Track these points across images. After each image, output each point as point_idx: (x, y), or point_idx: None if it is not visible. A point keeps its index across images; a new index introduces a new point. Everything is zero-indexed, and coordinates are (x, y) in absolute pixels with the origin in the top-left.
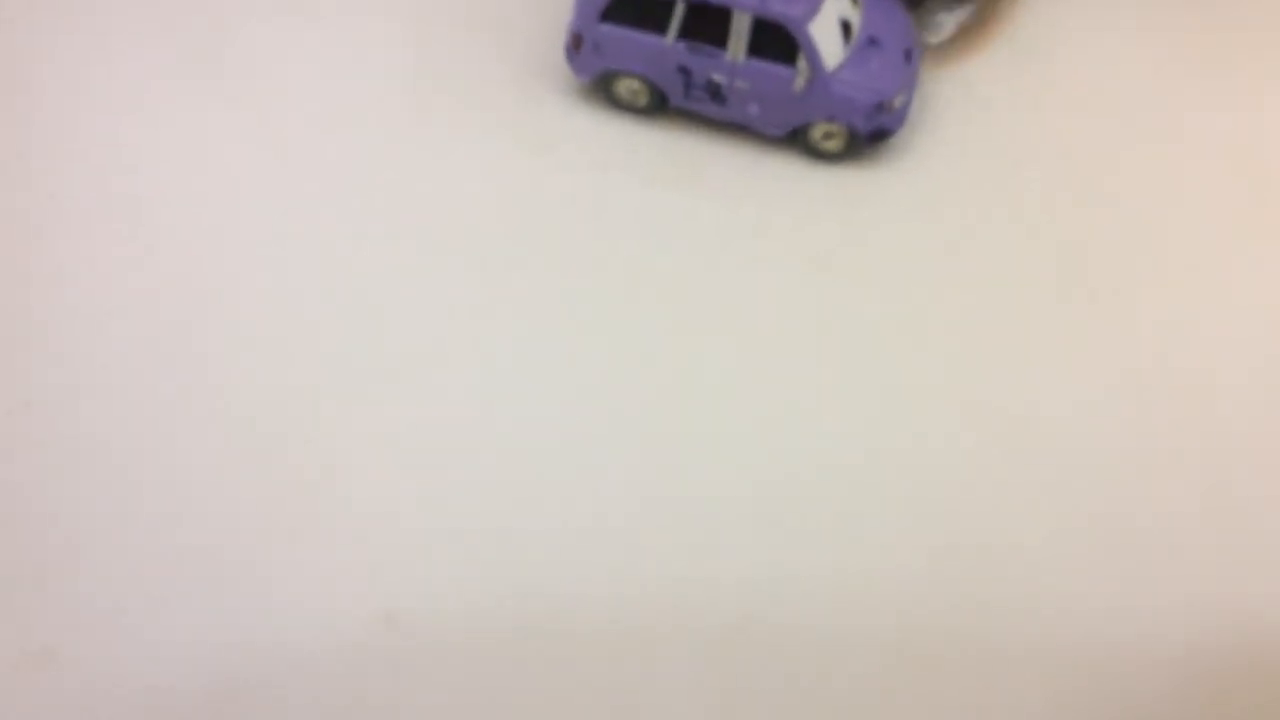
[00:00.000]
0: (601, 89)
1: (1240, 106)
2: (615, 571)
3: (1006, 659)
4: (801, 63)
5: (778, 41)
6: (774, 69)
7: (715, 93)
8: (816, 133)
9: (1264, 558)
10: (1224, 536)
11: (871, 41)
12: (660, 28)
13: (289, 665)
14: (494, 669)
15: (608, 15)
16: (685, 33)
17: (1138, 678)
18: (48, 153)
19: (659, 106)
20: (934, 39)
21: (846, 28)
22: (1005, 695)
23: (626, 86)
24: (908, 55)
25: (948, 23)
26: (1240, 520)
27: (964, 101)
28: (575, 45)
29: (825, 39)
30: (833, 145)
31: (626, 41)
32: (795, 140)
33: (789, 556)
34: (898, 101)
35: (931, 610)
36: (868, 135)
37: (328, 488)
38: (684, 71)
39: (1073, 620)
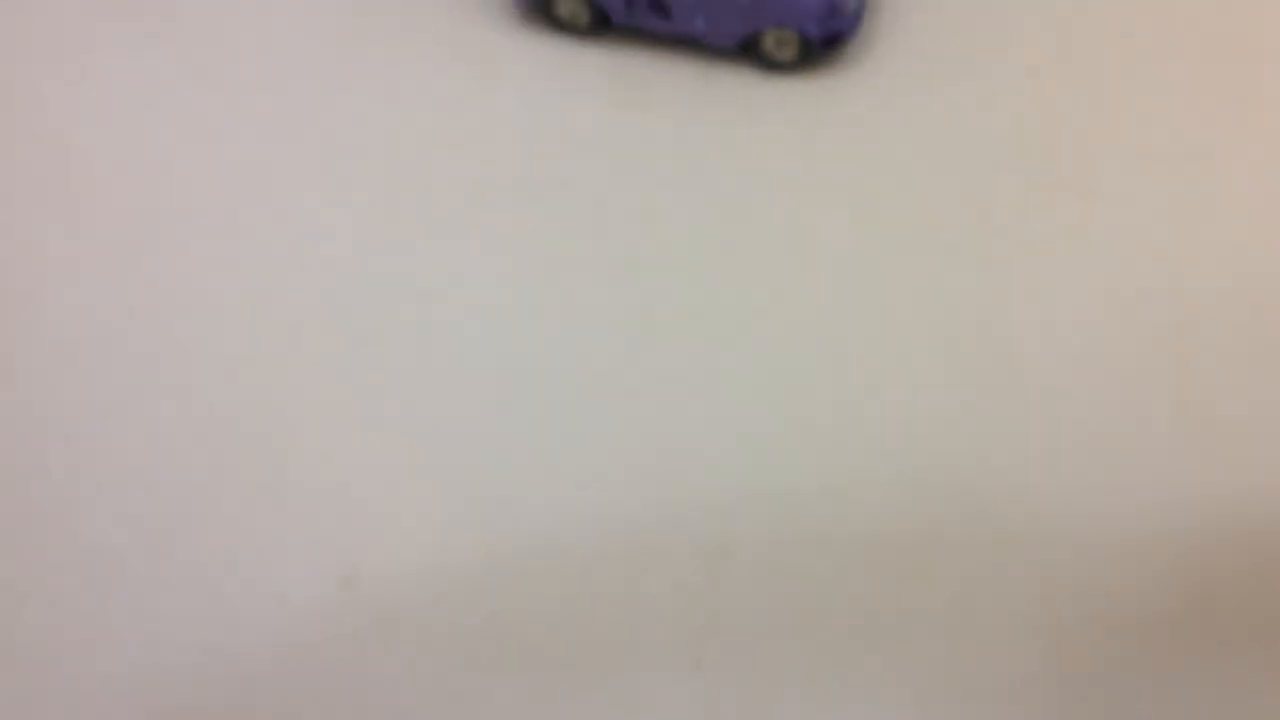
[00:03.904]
0: (541, 10)
1: None
2: (585, 509)
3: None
4: None
5: None
6: None
7: (658, 6)
8: (768, 42)
9: (1234, 453)
10: (1198, 431)
11: None
12: None
13: (251, 632)
14: (448, 631)
15: None
16: None
17: (1121, 558)
18: None
19: (602, 25)
20: None
21: None
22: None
23: (566, 6)
24: None
25: None
26: (1214, 415)
27: (922, 2)
28: None
29: None
30: (786, 54)
31: None
32: (747, 52)
33: (771, 474)
34: (851, 3)
35: (925, 509)
36: (822, 41)
37: (282, 454)
38: None
39: (1058, 509)
